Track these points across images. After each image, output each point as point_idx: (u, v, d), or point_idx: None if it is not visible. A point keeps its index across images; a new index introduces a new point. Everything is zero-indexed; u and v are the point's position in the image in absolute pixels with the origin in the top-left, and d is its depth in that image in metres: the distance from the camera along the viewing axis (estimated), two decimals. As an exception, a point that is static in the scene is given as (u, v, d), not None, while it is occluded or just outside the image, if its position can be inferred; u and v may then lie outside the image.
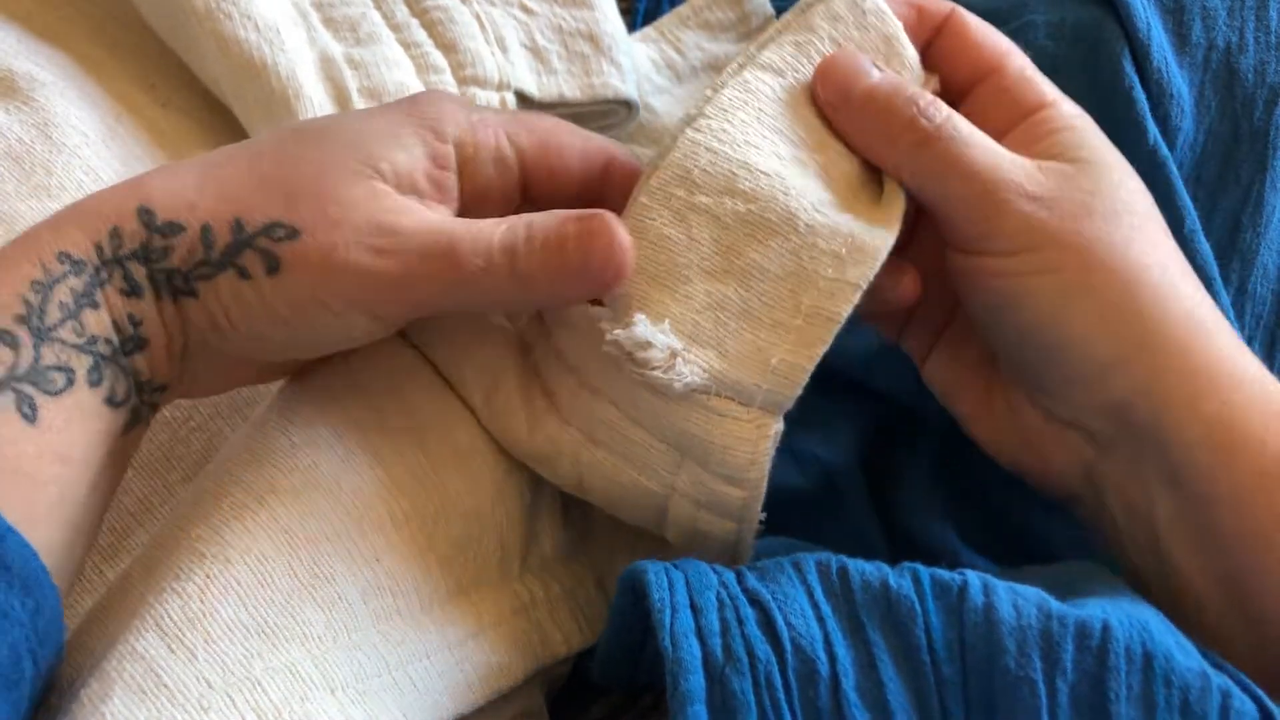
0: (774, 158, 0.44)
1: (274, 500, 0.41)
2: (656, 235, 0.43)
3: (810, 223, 0.43)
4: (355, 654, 0.40)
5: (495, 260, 0.41)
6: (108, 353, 0.39)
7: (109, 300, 0.40)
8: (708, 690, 0.36)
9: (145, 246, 0.40)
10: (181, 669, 0.37)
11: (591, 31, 0.62)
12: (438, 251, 0.40)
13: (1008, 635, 0.36)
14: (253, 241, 0.40)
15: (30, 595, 0.35)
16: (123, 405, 0.40)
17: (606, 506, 0.48)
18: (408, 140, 0.42)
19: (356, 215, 0.40)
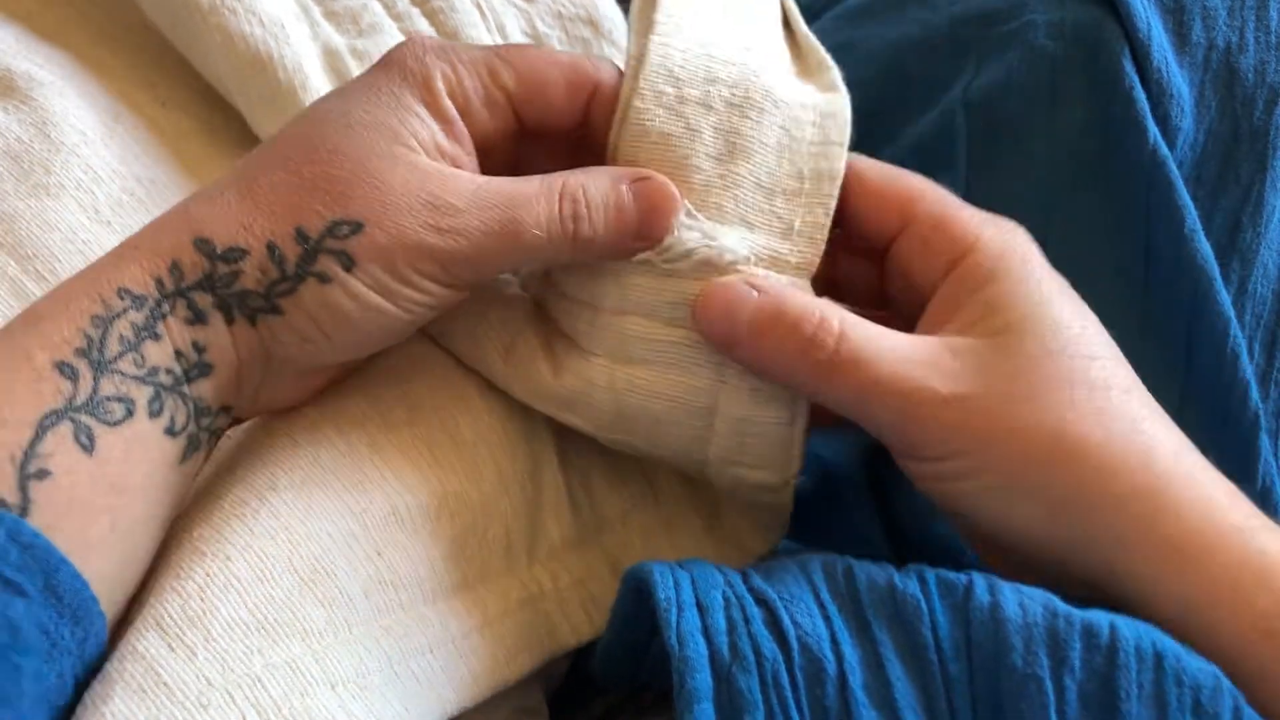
0: (731, 48, 0.46)
1: (274, 497, 0.41)
2: (659, 134, 0.44)
3: (784, 97, 0.46)
4: (356, 649, 0.40)
5: (555, 229, 0.43)
6: (169, 383, 0.40)
7: (171, 330, 0.40)
8: (714, 688, 0.36)
9: (209, 275, 0.40)
10: (181, 667, 0.37)
11: (591, 16, 0.62)
12: (499, 227, 0.42)
13: (1014, 633, 0.36)
14: (322, 245, 0.40)
15: (80, 625, 0.36)
16: (181, 433, 0.40)
17: (647, 437, 0.47)
18: (413, 105, 0.43)
19: (410, 197, 0.41)
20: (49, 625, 0.35)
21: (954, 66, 0.58)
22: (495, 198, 0.42)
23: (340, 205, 0.41)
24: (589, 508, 0.50)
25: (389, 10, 0.58)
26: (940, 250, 0.44)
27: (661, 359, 0.45)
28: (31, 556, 0.35)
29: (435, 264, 0.41)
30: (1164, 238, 0.53)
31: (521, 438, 0.48)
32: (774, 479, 0.47)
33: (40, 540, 0.35)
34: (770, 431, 0.46)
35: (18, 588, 0.34)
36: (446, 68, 0.43)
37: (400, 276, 0.41)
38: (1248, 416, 0.53)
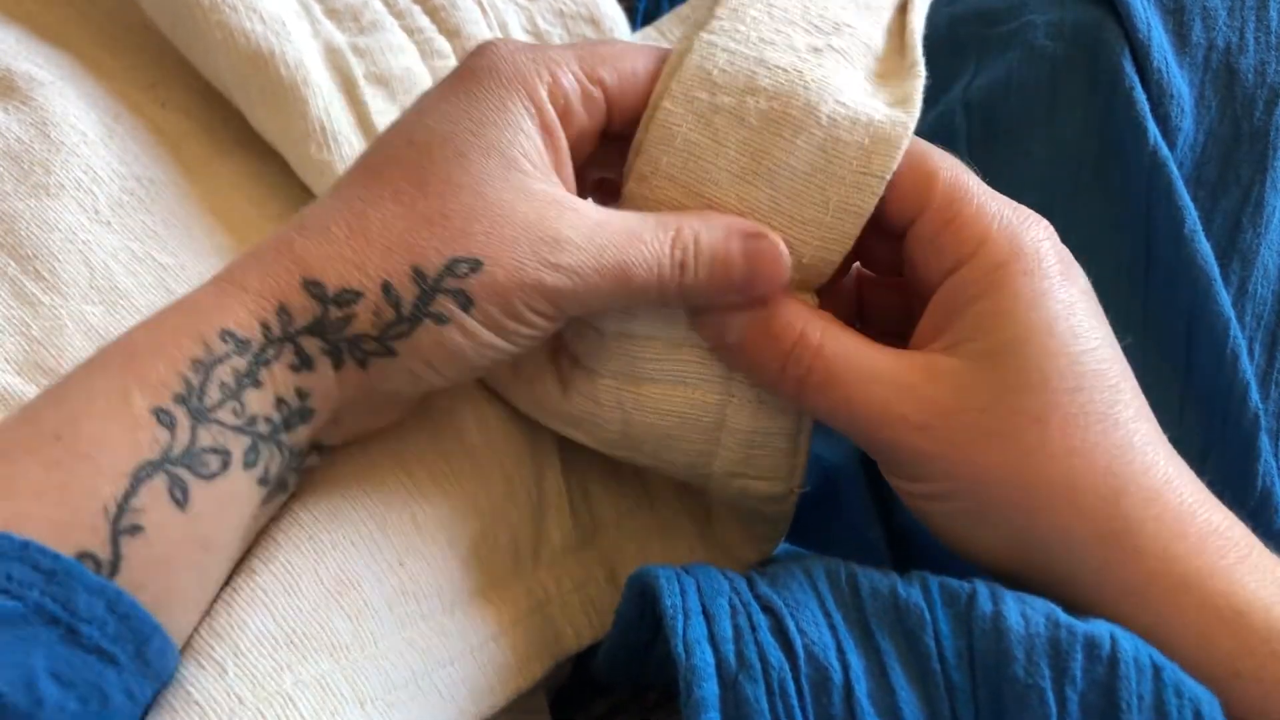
0: (789, 51, 0.44)
1: (297, 507, 0.41)
2: (684, 141, 0.43)
3: (832, 115, 0.43)
4: (383, 664, 0.40)
5: (666, 275, 0.42)
6: (266, 432, 0.39)
7: (275, 377, 0.39)
8: (721, 697, 0.36)
9: (320, 320, 0.39)
10: (211, 684, 0.37)
11: (592, 14, 0.62)
12: (613, 269, 0.41)
13: (1016, 644, 0.36)
14: (440, 285, 0.39)
15: (160, 680, 0.36)
16: (272, 481, 0.39)
17: (654, 453, 0.47)
18: (521, 120, 0.41)
19: (528, 231, 0.40)
20: (135, 690, 0.35)
21: (953, 66, 0.59)
22: (612, 238, 0.41)
23: (459, 242, 0.39)
24: (587, 512, 0.51)
25: (390, 8, 0.58)
26: (945, 249, 0.43)
27: (669, 377, 0.45)
28: (127, 627, 0.34)
29: (548, 301, 0.40)
30: (1164, 238, 0.53)
31: (526, 442, 0.48)
32: (778, 489, 0.47)
33: (137, 611, 0.34)
34: (776, 443, 0.46)
35: (111, 657, 0.34)
36: (545, 72, 0.42)
37: (514, 313, 0.40)
38: (1248, 417, 0.53)
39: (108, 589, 0.34)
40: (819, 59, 0.44)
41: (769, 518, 0.50)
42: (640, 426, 0.46)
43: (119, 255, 0.49)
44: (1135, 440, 0.42)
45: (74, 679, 0.33)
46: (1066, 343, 0.42)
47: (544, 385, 0.47)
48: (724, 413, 0.46)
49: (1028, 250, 0.42)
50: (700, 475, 0.48)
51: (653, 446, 0.47)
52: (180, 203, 0.53)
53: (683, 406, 0.46)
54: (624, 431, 0.46)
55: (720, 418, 0.46)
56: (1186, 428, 0.53)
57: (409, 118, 0.42)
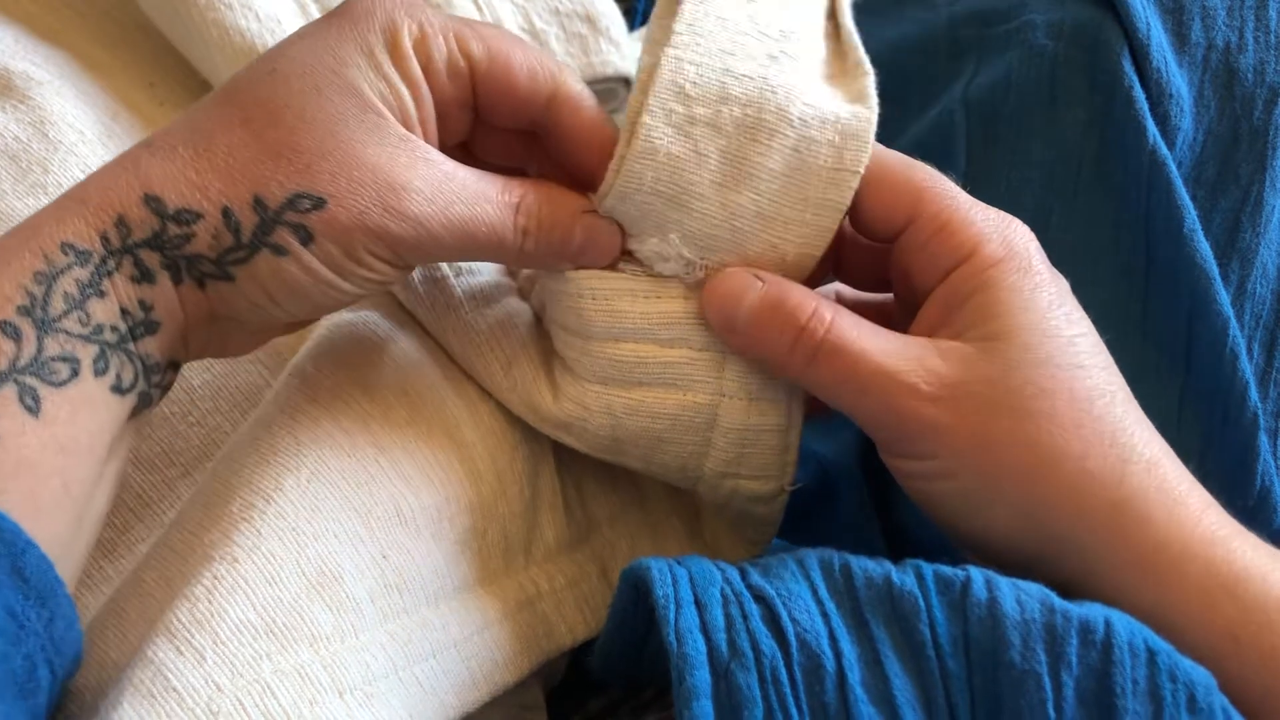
0: (750, 59, 0.44)
1: (281, 498, 0.41)
2: (666, 155, 0.43)
3: (802, 116, 0.43)
4: (363, 655, 0.40)
5: (508, 241, 0.43)
6: (114, 340, 0.39)
7: (117, 288, 0.39)
8: (713, 685, 0.36)
9: (158, 234, 0.39)
10: (190, 671, 0.36)
11: (588, 12, 0.62)
12: (458, 224, 0.41)
13: (1012, 629, 0.36)
14: (280, 218, 0.39)
15: (45, 605, 0.35)
16: (130, 391, 0.39)
17: (644, 456, 0.47)
18: (382, 64, 0.41)
19: (376, 175, 0.40)
20: (15, 608, 0.34)
21: (953, 66, 0.59)
22: (459, 193, 0.41)
23: (304, 178, 0.39)
24: (581, 510, 0.51)
25: (386, 7, 0.58)
26: (940, 254, 0.44)
27: (660, 380, 0.45)
28: (0, 540, 0.34)
29: (389, 248, 0.41)
30: (1163, 237, 0.53)
31: (520, 439, 0.48)
32: (770, 488, 0.47)
33: (7, 523, 0.34)
34: (768, 440, 0.46)
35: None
36: (414, 25, 0.42)
37: (354, 255, 0.40)
38: (1246, 416, 0.53)
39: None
40: (778, 65, 0.45)
41: (759, 518, 0.50)
42: (631, 430, 0.46)
43: (115, 253, 0.49)
44: (1131, 416, 0.43)
45: None
46: (1061, 328, 0.43)
47: (537, 388, 0.47)
48: (715, 413, 0.46)
49: (1018, 250, 0.44)
50: (690, 478, 0.48)
51: (643, 450, 0.47)
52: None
53: (674, 409, 0.46)
54: (614, 436, 0.46)
55: (711, 418, 0.46)
56: (1185, 427, 0.53)
57: (277, 47, 0.43)
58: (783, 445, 0.46)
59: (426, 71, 0.42)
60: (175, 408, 0.50)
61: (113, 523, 0.48)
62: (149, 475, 0.49)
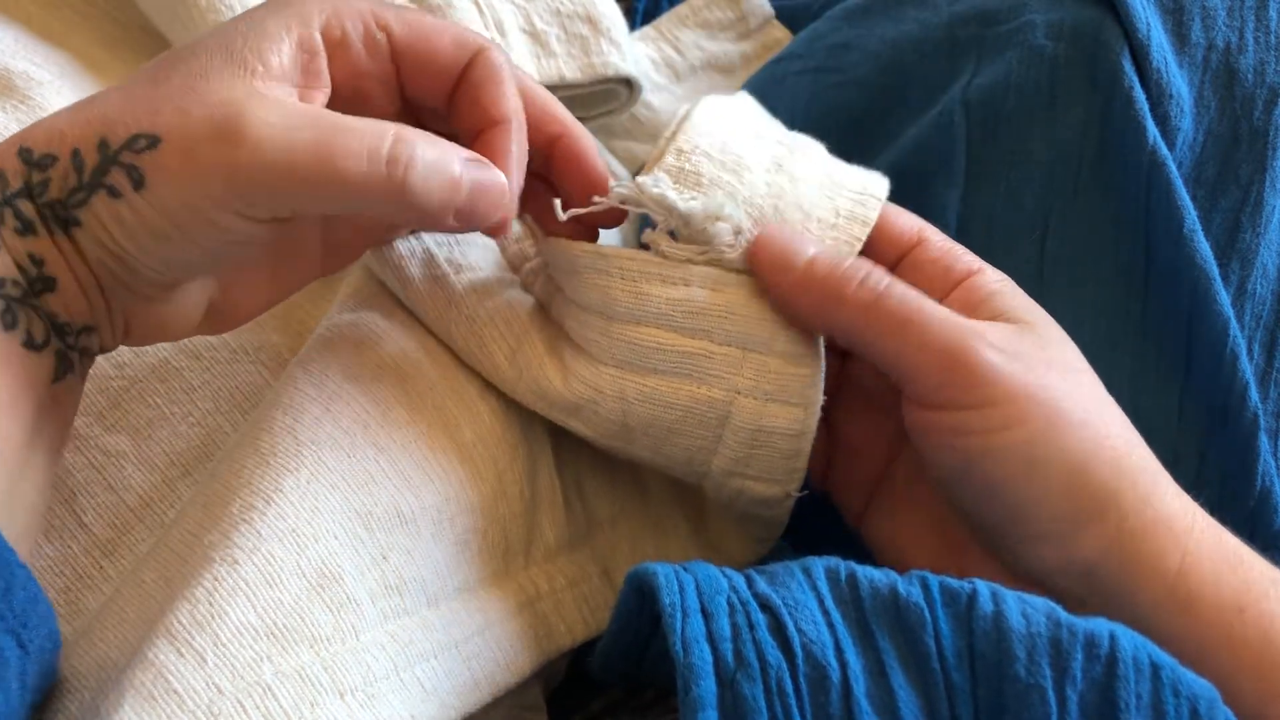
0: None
1: (281, 499, 0.41)
2: (731, 118, 0.46)
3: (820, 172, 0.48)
4: (364, 656, 0.40)
5: (379, 170, 0.39)
6: (17, 294, 0.38)
7: (6, 242, 0.39)
8: (719, 695, 0.36)
9: (28, 183, 0.39)
10: (191, 673, 0.36)
11: (589, 13, 0.62)
12: (311, 150, 0.38)
13: (1017, 643, 0.36)
14: (117, 158, 0.38)
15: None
16: (44, 348, 0.39)
17: (653, 446, 0.47)
18: (273, 30, 0.40)
19: (219, 115, 0.38)
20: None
21: (953, 66, 0.58)
22: (311, 118, 0.39)
23: (147, 119, 0.38)
24: (581, 510, 0.51)
25: (386, 8, 0.58)
26: (950, 267, 0.46)
27: (676, 370, 0.45)
28: None
29: (228, 187, 0.38)
30: (1163, 238, 0.53)
31: (520, 439, 0.48)
32: (775, 492, 0.47)
33: None
34: (779, 444, 0.46)
35: None
36: (328, 5, 0.42)
37: (190, 203, 0.38)
38: (1247, 416, 0.53)
39: None
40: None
41: (764, 521, 0.50)
42: (642, 418, 0.46)
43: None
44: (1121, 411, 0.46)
45: None
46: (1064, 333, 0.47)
47: (544, 373, 0.47)
48: (728, 410, 0.45)
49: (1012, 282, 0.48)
50: (697, 472, 0.48)
51: (653, 439, 0.47)
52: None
53: (687, 401, 0.45)
54: (624, 423, 0.46)
55: (724, 415, 0.45)
56: (1186, 427, 0.53)
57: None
58: (793, 451, 0.46)
59: (340, 43, 0.42)
60: (175, 408, 0.50)
61: (113, 523, 0.48)
62: (149, 475, 0.49)
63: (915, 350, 0.43)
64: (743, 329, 0.45)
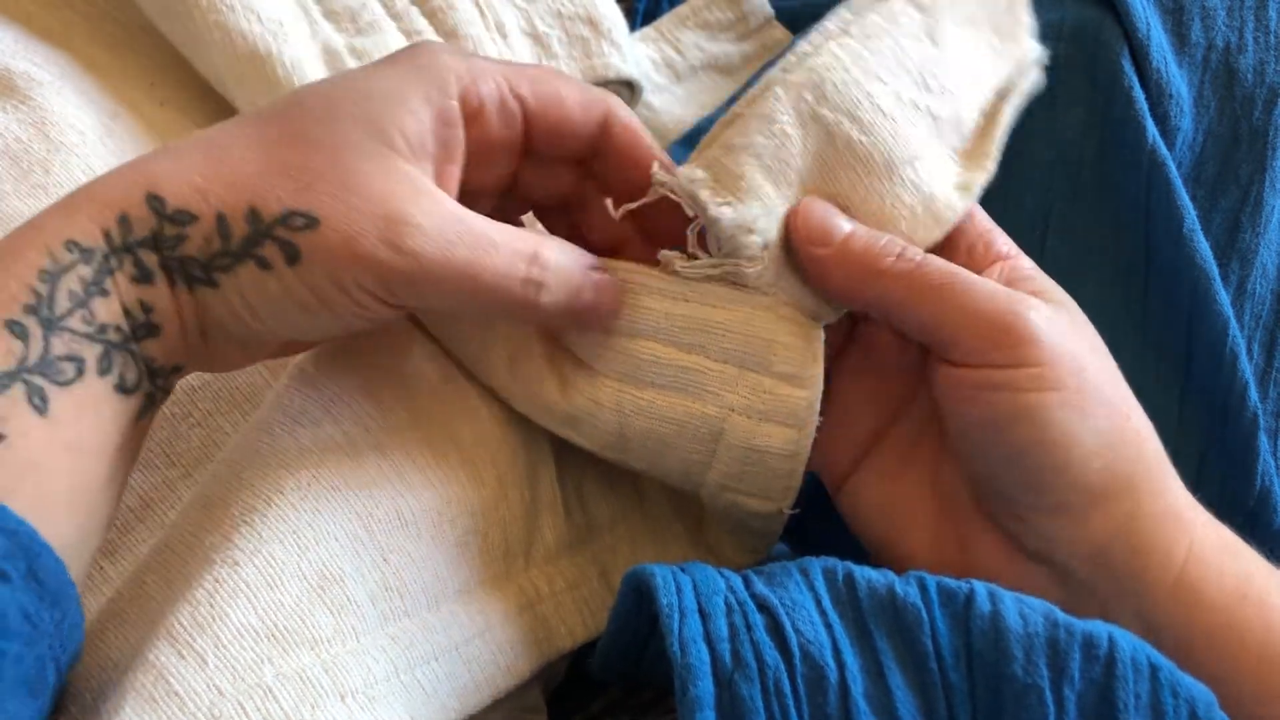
0: (893, 97, 0.46)
1: (281, 501, 0.41)
2: (780, 131, 0.44)
3: (903, 175, 0.45)
4: (365, 658, 0.40)
5: (516, 291, 0.41)
6: (118, 340, 0.39)
7: (119, 287, 0.39)
8: (716, 696, 0.36)
9: (156, 234, 0.39)
10: (192, 675, 0.36)
11: (590, 15, 0.62)
12: (461, 264, 0.40)
13: (1015, 643, 0.36)
14: (271, 231, 0.39)
15: (58, 607, 0.35)
16: (134, 392, 0.39)
17: (648, 458, 0.47)
18: (414, 102, 0.41)
19: (376, 204, 0.39)
20: (30, 609, 0.34)
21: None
22: (465, 236, 0.40)
23: (300, 195, 0.39)
24: (581, 513, 0.51)
25: (387, 9, 0.58)
26: (986, 250, 0.47)
27: (672, 384, 0.45)
28: (15, 543, 0.34)
29: (380, 281, 0.39)
30: (1163, 238, 0.53)
31: (520, 442, 0.48)
32: (769, 508, 0.47)
33: (24, 527, 0.34)
34: (771, 463, 0.45)
35: (4, 575, 0.34)
36: (463, 68, 0.42)
37: (340, 284, 0.39)
38: (1246, 416, 0.53)
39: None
40: (914, 116, 0.46)
41: (757, 532, 0.50)
42: (638, 431, 0.46)
43: (116, 254, 0.49)
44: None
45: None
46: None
47: (542, 383, 0.47)
48: (722, 427, 0.45)
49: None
50: (693, 483, 0.47)
51: (648, 452, 0.47)
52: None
53: (682, 415, 0.45)
54: (621, 435, 0.46)
55: (718, 431, 0.45)
56: (1186, 427, 0.53)
57: (317, 80, 0.43)
58: (786, 471, 0.46)
59: (476, 114, 0.42)
60: (175, 408, 0.50)
61: (115, 524, 0.48)
62: (150, 476, 0.49)
63: (959, 312, 0.43)
64: (740, 347, 0.45)
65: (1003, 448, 0.43)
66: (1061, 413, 0.42)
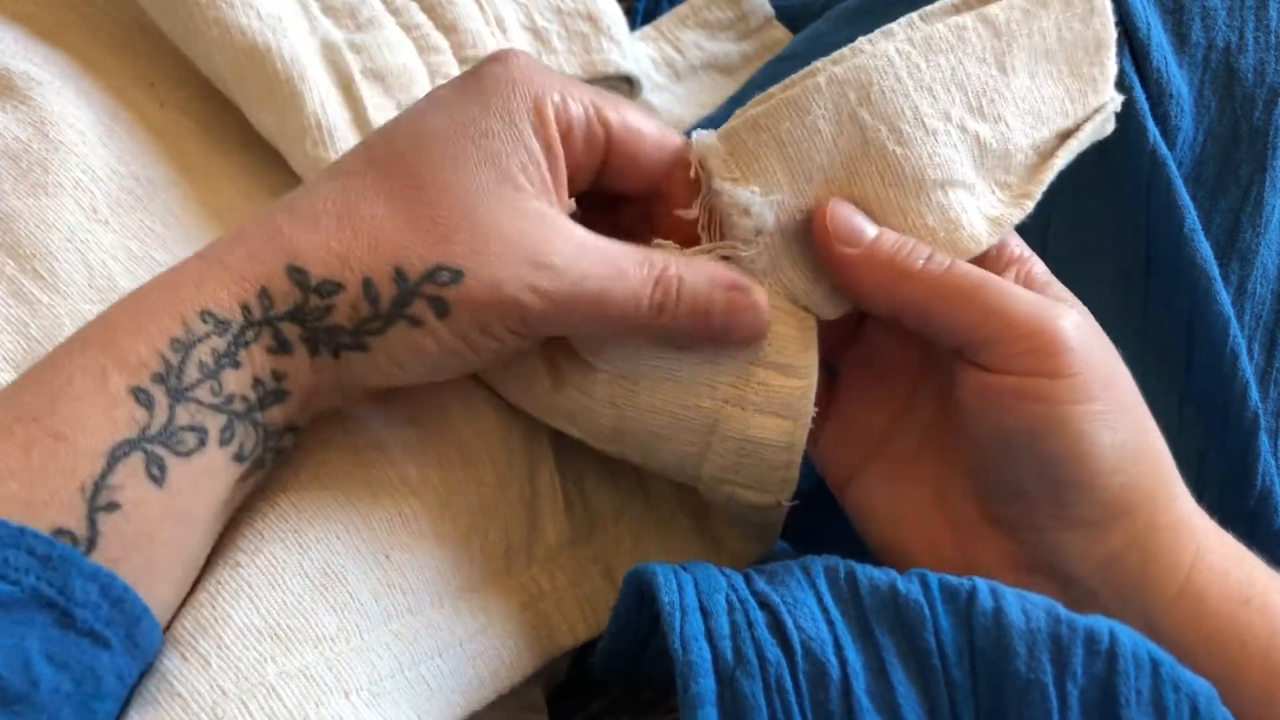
0: (941, 117, 0.45)
1: (283, 500, 0.41)
2: (812, 124, 0.43)
3: (931, 196, 0.44)
4: (368, 655, 0.40)
5: (642, 313, 0.42)
6: (242, 410, 0.39)
7: (254, 358, 0.39)
8: (718, 693, 0.36)
9: (300, 307, 0.39)
10: (195, 676, 0.36)
11: (589, 10, 0.62)
12: (591, 296, 0.41)
13: (1017, 639, 0.36)
14: (419, 290, 0.39)
15: (146, 660, 0.36)
16: (248, 459, 0.39)
17: (644, 450, 0.47)
18: (526, 135, 0.41)
19: (513, 249, 0.40)
20: (124, 671, 0.35)
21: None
22: (595, 267, 0.41)
23: (443, 250, 0.39)
24: (582, 508, 0.50)
25: (386, 4, 0.58)
26: (1000, 252, 0.46)
27: (666, 376, 0.45)
28: (120, 611, 0.34)
29: (522, 320, 0.40)
30: (1163, 238, 0.53)
31: (520, 439, 0.48)
32: (766, 500, 0.47)
33: (130, 595, 0.35)
34: (767, 455, 0.45)
35: (105, 641, 0.34)
36: (557, 94, 0.42)
37: (486, 327, 0.40)
38: (1247, 416, 0.53)
39: (100, 573, 0.34)
40: (958, 138, 0.45)
41: (758, 525, 0.50)
42: (631, 423, 0.46)
43: (117, 254, 0.49)
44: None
45: (68, 661, 0.33)
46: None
47: (537, 377, 0.46)
48: (716, 419, 0.45)
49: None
50: (689, 476, 0.47)
51: (643, 444, 0.47)
52: (179, 201, 0.53)
53: (675, 407, 0.45)
54: (616, 426, 0.46)
55: (712, 423, 0.45)
56: (1186, 427, 0.53)
57: (417, 111, 0.42)
58: (782, 462, 0.46)
59: (565, 139, 0.43)
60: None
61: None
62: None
63: (993, 317, 0.43)
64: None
65: (1032, 457, 0.43)
66: (1092, 425, 0.42)
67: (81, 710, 0.33)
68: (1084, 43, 0.47)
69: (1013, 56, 0.46)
